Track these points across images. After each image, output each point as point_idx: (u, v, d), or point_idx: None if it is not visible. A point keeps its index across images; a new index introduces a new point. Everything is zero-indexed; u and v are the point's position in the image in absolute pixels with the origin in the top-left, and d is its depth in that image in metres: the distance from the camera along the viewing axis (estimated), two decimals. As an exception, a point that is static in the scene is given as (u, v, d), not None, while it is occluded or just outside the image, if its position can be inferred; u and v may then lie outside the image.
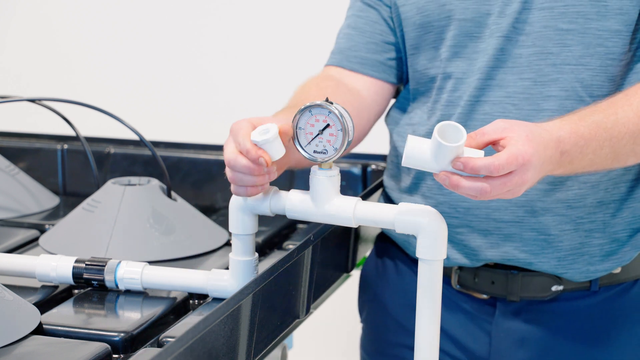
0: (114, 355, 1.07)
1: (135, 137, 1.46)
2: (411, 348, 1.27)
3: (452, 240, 1.38)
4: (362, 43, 1.46)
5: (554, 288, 1.36)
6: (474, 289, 1.39)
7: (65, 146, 1.74)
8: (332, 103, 1.09)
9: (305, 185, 1.13)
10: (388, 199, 1.47)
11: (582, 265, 1.34)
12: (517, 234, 1.33)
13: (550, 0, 1.30)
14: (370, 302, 1.54)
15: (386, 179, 1.49)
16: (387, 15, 1.45)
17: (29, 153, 1.76)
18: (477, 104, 1.33)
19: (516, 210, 1.32)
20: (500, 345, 1.40)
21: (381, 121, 1.62)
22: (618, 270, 1.36)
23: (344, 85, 1.45)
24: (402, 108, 1.46)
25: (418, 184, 1.40)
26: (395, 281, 1.49)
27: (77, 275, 1.21)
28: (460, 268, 1.40)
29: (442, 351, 1.40)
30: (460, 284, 1.40)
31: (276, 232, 1.47)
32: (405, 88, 1.47)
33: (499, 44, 1.32)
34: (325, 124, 1.10)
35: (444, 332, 1.41)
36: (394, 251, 1.49)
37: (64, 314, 1.15)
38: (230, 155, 1.12)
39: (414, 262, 1.45)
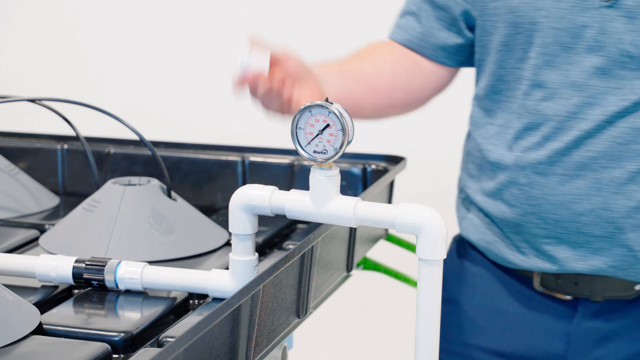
0: (114, 355, 1.07)
1: (135, 137, 1.46)
2: (485, 350, 1.29)
3: (538, 250, 1.38)
4: (427, 27, 1.47)
5: (637, 287, 1.36)
6: (557, 290, 1.40)
7: (65, 146, 1.74)
8: (332, 103, 1.09)
9: (305, 185, 1.13)
10: (469, 202, 1.47)
11: None
12: (607, 249, 1.34)
13: None
14: (444, 302, 1.54)
15: (465, 179, 1.48)
16: (456, 3, 1.44)
17: (29, 153, 1.76)
18: (574, 121, 1.33)
19: (607, 226, 1.33)
20: (579, 345, 1.40)
21: (381, 121, 1.62)
22: None
23: (402, 51, 1.50)
24: (483, 107, 1.45)
25: (502, 190, 1.40)
26: (474, 284, 1.49)
27: (77, 275, 1.21)
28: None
29: (517, 355, 1.41)
30: (542, 285, 1.40)
31: (276, 232, 1.47)
32: (480, 84, 1.45)
33: (601, 62, 1.31)
34: (325, 124, 1.10)
35: (520, 334, 1.41)
36: (474, 255, 1.49)
37: (64, 314, 1.15)
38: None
39: (496, 265, 1.46)
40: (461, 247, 1.54)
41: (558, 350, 1.41)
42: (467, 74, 1.59)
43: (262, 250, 1.41)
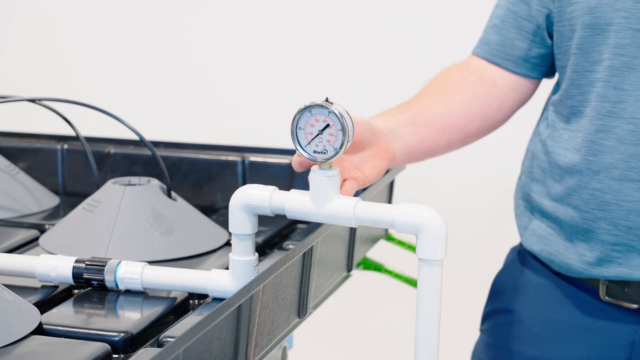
0: (114, 355, 1.07)
1: (135, 137, 1.46)
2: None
3: (606, 259, 1.36)
4: (511, 40, 1.45)
5: None
6: (624, 299, 1.38)
7: (65, 146, 1.74)
8: (332, 103, 1.09)
9: (305, 185, 1.13)
10: (532, 209, 1.46)
11: None
12: None
13: None
14: (501, 313, 1.53)
15: (529, 183, 1.46)
16: (539, 11, 1.42)
17: (29, 153, 1.76)
18: None
19: None
20: None
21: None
22: None
23: (477, 74, 1.47)
24: (558, 112, 1.43)
25: (571, 195, 1.38)
26: (535, 295, 1.48)
27: (77, 275, 1.21)
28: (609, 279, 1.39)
29: None
30: (608, 295, 1.39)
31: (276, 232, 1.47)
32: (557, 90, 1.44)
33: None
34: (325, 124, 1.10)
35: (584, 344, 1.40)
36: (536, 266, 1.48)
37: (64, 314, 1.15)
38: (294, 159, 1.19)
39: (559, 276, 1.45)
40: (522, 258, 1.52)
41: (621, 359, 1.40)
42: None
43: (262, 250, 1.41)
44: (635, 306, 1.38)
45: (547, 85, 1.52)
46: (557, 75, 1.47)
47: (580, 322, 1.42)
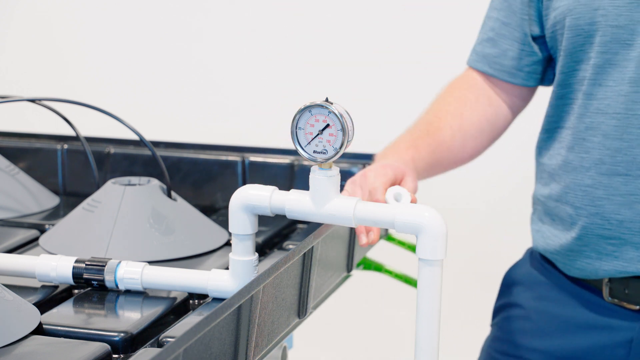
0: (114, 355, 1.07)
1: (135, 137, 1.46)
2: (545, 353, 1.32)
3: (602, 252, 1.38)
4: (504, 51, 1.49)
5: None
6: (626, 300, 1.41)
7: (65, 146, 1.74)
8: (332, 103, 1.09)
9: (305, 185, 1.13)
10: (542, 212, 1.48)
11: None
12: None
13: None
14: (512, 308, 1.56)
15: (539, 189, 1.50)
16: (523, 19, 1.45)
17: (29, 153, 1.76)
18: (633, 117, 1.33)
19: None
20: None
21: (380, 122, 1.62)
22: None
23: (484, 94, 1.52)
24: (551, 113, 1.47)
25: (567, 193, 1.40)
26: (542, 291, 1.51)
27: (77, 275, 1.21)
28: (610, 280, 1.41)
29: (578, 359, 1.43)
30: (611, 295, 1.41)
31: (276, 232, 1.47)
32: (552, 93, 1.47)
33: None
34: (325, 124, 1.10)
35: (582, 340, 1.42)
36: (545, 265, 1.51)
37: (64, 314, 1.15)
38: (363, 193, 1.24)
39: (565, 276, 1.47)
40: (533, 258, 1.56)
41: (620, 356, 1.42)
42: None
43: (262, 250, 1.41)
44: (636, 307, 1.41)
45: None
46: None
47: (584, 319, 1.45)
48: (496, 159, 2.05)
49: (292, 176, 1.65)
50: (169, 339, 1.09)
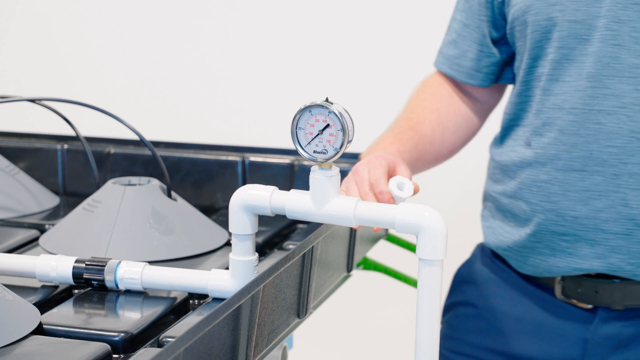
0: (114, 355, 1.07)
1: (135, 137, 1.46)
2: (500, 353, 1.30)
3: (556, 249, 1.38)
4: (464, 52, 1.50)
5: None
6: (578, 298, 1.40)
7: (65, 146, 1.74)
8: (332, 103, 1.09)
9: (305, 185, 1.13)
10: (496, 208, 1.48)
11: None
12: (625, 247, 1.33)
13: None
14: (461, 306, 1.56)
15: (491, 185, 1.50)
16: (481, 20, 1.46)
17: (29, 153, 1.76)
18: (590, 113, 1.32)
19: (626, 223, 1.32)
20: (596, 350, 1.40)
21: (380, 121, 1.62)
22: None
23: (455, 91, 1.54)
24: (508, 112, 1.47)
25: (523, 189, 1.40)
26: (494, 289, 1.50)
27: (77, 275, 1.21)
28: (563, 278, 1.41)
29: (532, 359, 1.42)
30: (564, 294, 1.41)
31: (276, 232, 1.47)
32: (512, 90, 1.48)
33: (614, 51, 1.30)
34: (325, 124, 1.10)
35: (540, 339, 1.42)
36: (496, 262, 1.51)
37: (64, 314, 1.15)
38: (363, 187, 1.21)
39: (517, 273, 1.47)
40: (484, 255, 1.55)
41: (574, 356, 1.41)
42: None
43: (262, 250, 1.41)
44: (589, 306, 1.40)
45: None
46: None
47: (536, 318, 1.45)
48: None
49: (292, 176, 1.65)
50: (169, 339, 1.09)
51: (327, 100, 1.10)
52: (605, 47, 1.31)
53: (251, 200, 1.13)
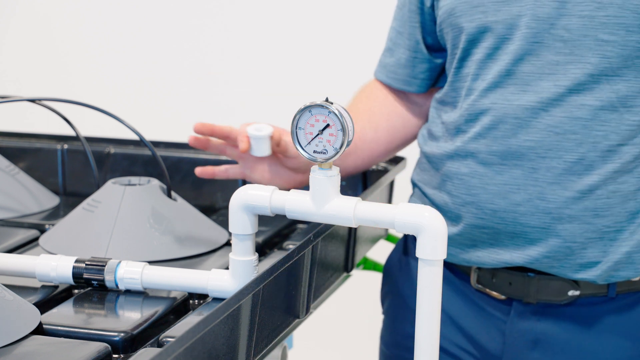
0: (114, 355, 1.07)
1: (135, 137, 1.46)
2: None
3: (476, 240, 1.38)
4: (398, 59, 1.52)
5: (570, 293, 1.37)
6: (492, 288, 1.41)
7: (65, 146, 1.74)
8: (332, 103, 1.09)
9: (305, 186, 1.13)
10: (422, 194, 1.49)
11: (604, 272, 1.34)
12: (543, 240, 1.34)
13: (591, 9, 1.29)
14: (392, 295, 1.57)
15: (418, 173, 1.51)
16: (414, 27, 1.48)
17: (29, 153, 1.76)
18: (509, 108, 1.34)
19: (543, 216, 1.33)
20: (513, 344, 1.41)
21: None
22: (637, 278, 1.36)
23: (393, 95, 1.56)
24: (436, 107, 1.49)
25: (445, 181, 1.41)
26: (416, 277, 1.50)
27: (77, 275, 1.21)
28: (479, 268, 1.41)
29: (457, 346, 1.42)
30: (479, 282, 1.41)
31: (276, 232, 1.47)
32: (440, 90, 1.50)
33: (534, 49, 1.32)
34: (325, 124, 1.10)
35: (460, 328, 1.42)
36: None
37: (64, 314, 1.15)
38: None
39: (444, 266, 1.47)
40: (407, 242, 1.55)
41: (495, 348, 1.43)
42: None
43: (262, 250, 1.41)
44: (503, 297, 1.41)
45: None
46: None
47: (457, 306, 1.46)
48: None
49: (292, 176, 1.65)
50: (169, 339, 1.09)
51: (327, 100, 1.10)
52: (525, 45, 1.32)
53: (251, 200, 1.13)
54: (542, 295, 1.38)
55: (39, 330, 1.10)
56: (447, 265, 1.47)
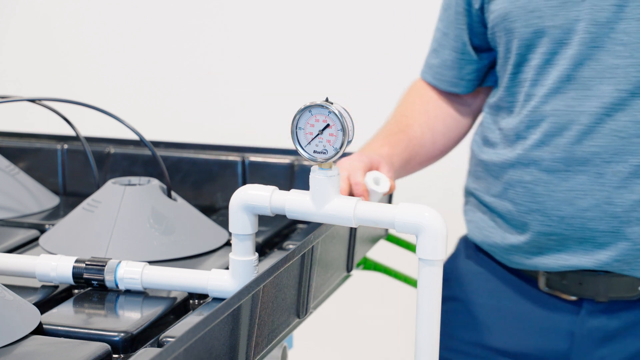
0: (114, 355, 1.07)
1: (135, 137, 1.46)
2: (488, 348, 1.30)
3: (542, 247, 1.39)
4: (444, 61, 1.53)
5: None
6: (562, 290, 1.41)
7: (65, 146, 1.74)
8: (332, 103, 1.09)
9: (305, 185, 1.13)
10: (479, 203, 1.49)
11: None
12: (612, 244, 1.34)
13: None
14: (449, 301, 1.57)
15: (473, 182, 1.51)
16: (461, 29, 1.48)
17: (29, 153, 1.76)
18: (573, 114, 1.34)
19: (611, 220, 1.33)
20: (583, 344, 1.41)
21: (380, 121, 1.62)
22: None
23: (444, 96, 1.56)
24: (491, 113, 1.49)
25: (507, 189, 1.41)
26: (479, 283, 1.51)
27: (77, 275, 1.21)
28: (547, 272, 1.42)
29: (520, 353, 1.43)
30: (548, 285, 1.42)
31: (276, 232, 1.47)
32: (492, 94, 1.50)
33: (594, 53, 1.32)
34: (325, 124, 1.10)
35: (524, 333, 1.42)
36: (480, 256, 1.52)
37: (64, 314, 1.15)
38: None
39: (501, 266, 1.47)
40: (468, 248, 1.55)
41: (562, 349, 1.42)
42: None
43: (262, 250, 1.41)
44: (573, 298, 1.41)
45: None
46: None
47: (523, 310, 1.46)
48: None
49: (292, 176, 1.65)
50: (169, 339, 1.09)
51: (327, 100, 1.10)
52: (584, 50, 1.32)
53: (251, 200, 1.13)
54: (612, 292, 1.38)
55: (39, 330, 1.10)
56: (513, 271, 1.47)
